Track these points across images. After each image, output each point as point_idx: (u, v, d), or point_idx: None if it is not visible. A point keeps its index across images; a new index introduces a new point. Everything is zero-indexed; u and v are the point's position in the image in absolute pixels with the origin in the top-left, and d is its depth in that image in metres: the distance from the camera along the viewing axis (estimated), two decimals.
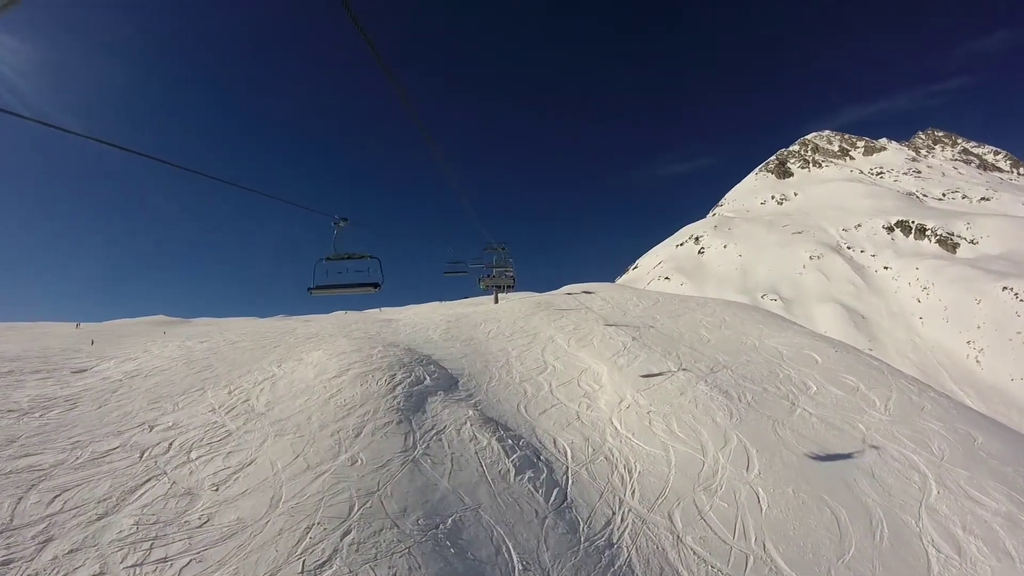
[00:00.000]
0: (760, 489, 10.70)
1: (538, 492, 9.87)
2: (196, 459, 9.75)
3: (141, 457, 10.00)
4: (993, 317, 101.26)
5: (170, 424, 11.75)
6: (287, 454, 9.58)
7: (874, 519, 9.85)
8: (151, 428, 11.56)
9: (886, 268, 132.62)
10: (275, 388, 13.64)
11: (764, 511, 10.11)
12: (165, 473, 9.27)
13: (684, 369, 16.29)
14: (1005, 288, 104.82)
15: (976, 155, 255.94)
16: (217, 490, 8.54)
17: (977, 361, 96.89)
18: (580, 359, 18.15)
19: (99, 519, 7.82)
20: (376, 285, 10.25)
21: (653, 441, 12.58)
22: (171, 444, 10.52)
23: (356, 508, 7.89)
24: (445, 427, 11.55)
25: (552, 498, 9.85)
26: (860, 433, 13.09)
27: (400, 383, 13.55)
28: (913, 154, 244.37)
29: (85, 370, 19.20)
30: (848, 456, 11.93)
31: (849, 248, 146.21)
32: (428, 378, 14.60)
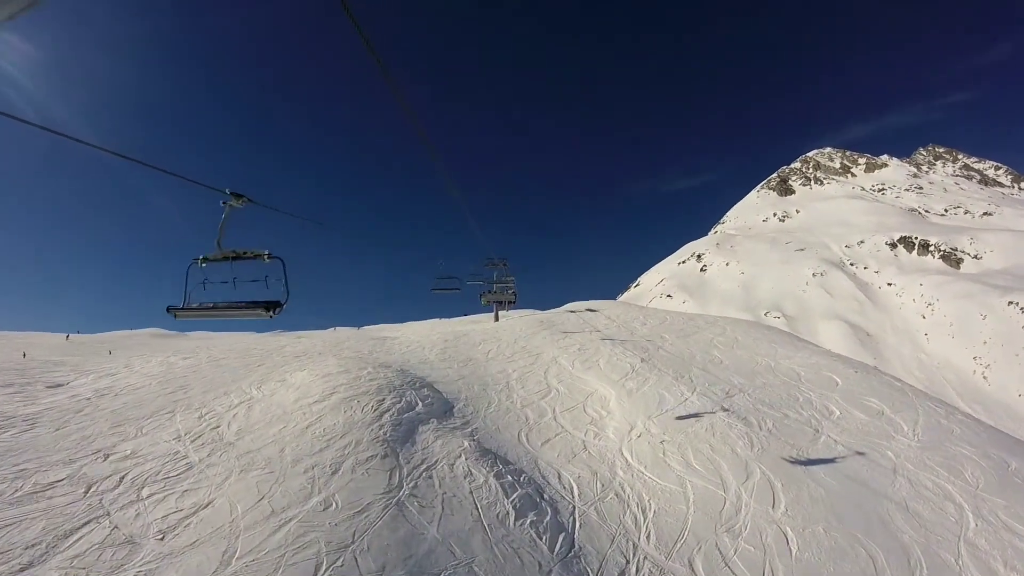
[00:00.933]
0: (788, 529, 9.45)
1: (541, 539, 8.55)
2: (146, 498, 8.47)
3: (86, 493, 8.75)
4: (999, 332, 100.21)
5: (128, 452, 10.50)
6: (250, 495, 8.26)
7: (912, 559, 8.69)
8: (106, 457, 10.31)
9: (890, 284, 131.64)
10: (250, 413, 12.35)
11: (794, 554, 8.86)
12: (108, 514, 8.00)
13: (725, 409, 14.55)
14: (1011, 303, 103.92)
15: (977, 170, 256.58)
16: (163, 539, 7.25)
17: (984, 377, 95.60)
18: (586, 382, 16.84)
19: (22, 570, 6.64)
20: (273, 307, 6.82)
21: (668, 475, 11.28)
22: (123, 478, 9.26)
23: (324, 568, 6.57)
24: (437, 461, 10.21)
25: (558, 546, 8.53)
26: (890, 462, 11.88)
27: (388, 410, 12.21)
28: (914, 170, 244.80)
29: (61, 385, 18.06)
30: (880, 488, 10.73)
31: (852, 265, 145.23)
32: (420, 403, 13.27)
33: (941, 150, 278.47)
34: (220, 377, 17.08)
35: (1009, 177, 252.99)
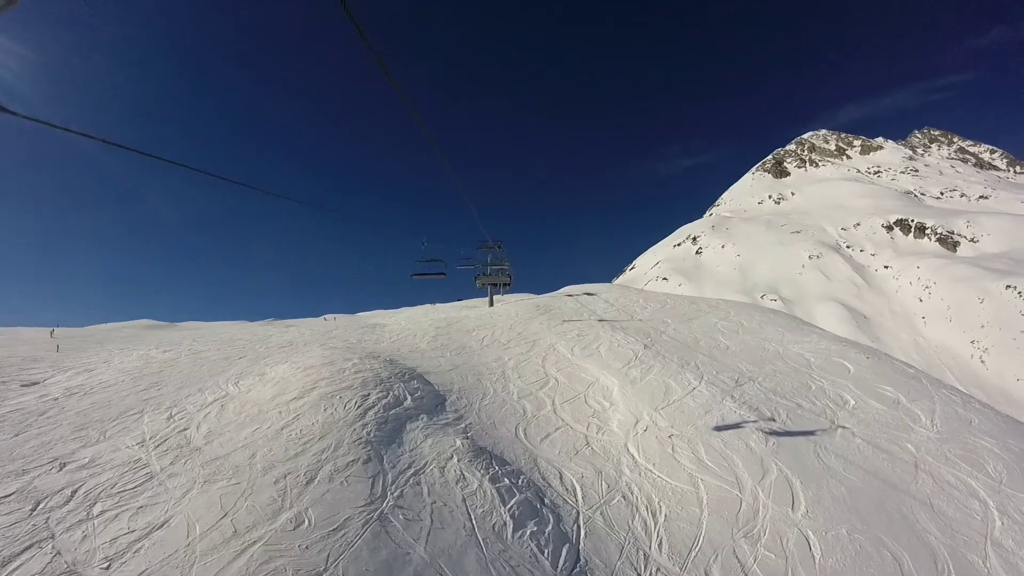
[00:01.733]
0: (810, 532, 8.64)
1: (543, 553, 7.62)
2: (97, 516, 7.46)
3: (33, 511, 7.73)
4: (997, 316, 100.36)
5: (86, 461, 9.47)
6: (212, 512, 7.24)
7: (939, 561, 7.98)
8: (62, 466, 9.28)
9: (886, 267, 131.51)
10: (223, 413, 11.28)
11: (818, 561, 8.06)
12: (52, 537, 7.00)
13: (771, 420, 12.90)
14: (1008, 287, 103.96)
15: (972, 153, 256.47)
16: (108, 567, 6.27)
17: (982, 361, 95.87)
18: (586, 370, 15.86)
19: None
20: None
21: (679, 473, 10.39)
22: (75, 491, 8.24)
23: None
24: (426, 464, 9.21)
25: (561, 561, 7.60)
26: (910, 455, 11.06)
27: (373, 406, 11.16)
28: (910, 153, 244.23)
29: (36, 383, 17.00)
30: (902, 484, 9.94)
31: (849, 247, 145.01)
32: (409, 398, 12.23)
33: (936, 133, 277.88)
34: (198, 371, 16.04)
35: (1004, 161, 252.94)
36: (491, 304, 30.46)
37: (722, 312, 23.65)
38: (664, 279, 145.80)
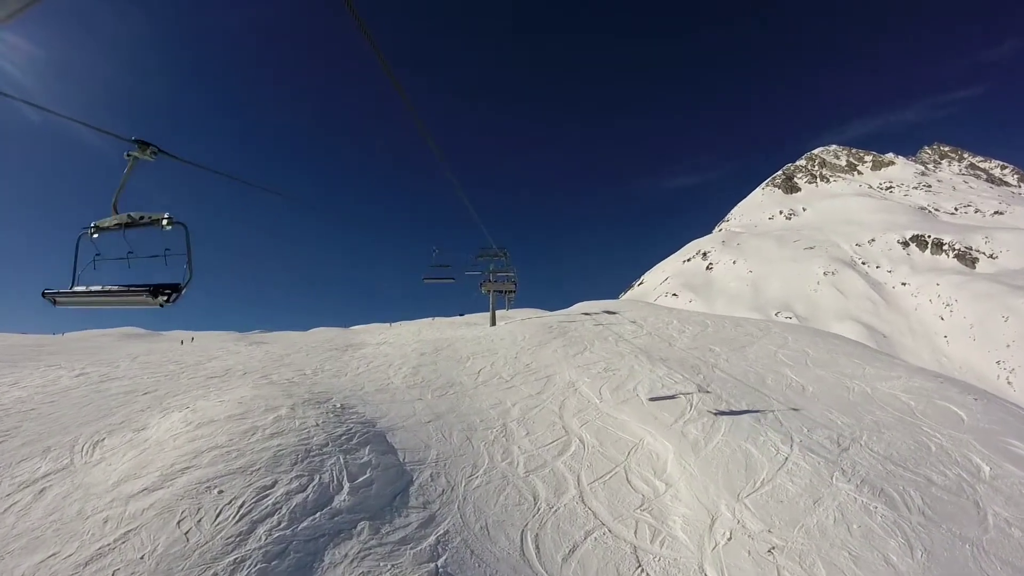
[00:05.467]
0: None
1: None
2: None
3: None
4: (1023, 334, 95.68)
5: None
6: None
7: None
8: None
9: (904, 284, 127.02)
10: (31, 510, 6.63)
11: None
12: None
13: (906, 508, 7.88)
14: None
15: (983, 169, 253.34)
16: None
17: (1008, 382, 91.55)
18: (623, 425, 11.07)
19: None
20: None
21: None
22: None
23: None
24: None
25: None
26: None
27: (272, 513, 6.30)
28: (922, 168, 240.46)
29: None
30: None
31: (864, 264, 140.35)
32: (346, 485, 7.36)
33: (946, 148, 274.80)
34: (74, 414, 11.34)
35: (1016, 176, 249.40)
36: (493, 323, 25.97)
37: (777, 337, 18.99)
38: (674, 295, 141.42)
